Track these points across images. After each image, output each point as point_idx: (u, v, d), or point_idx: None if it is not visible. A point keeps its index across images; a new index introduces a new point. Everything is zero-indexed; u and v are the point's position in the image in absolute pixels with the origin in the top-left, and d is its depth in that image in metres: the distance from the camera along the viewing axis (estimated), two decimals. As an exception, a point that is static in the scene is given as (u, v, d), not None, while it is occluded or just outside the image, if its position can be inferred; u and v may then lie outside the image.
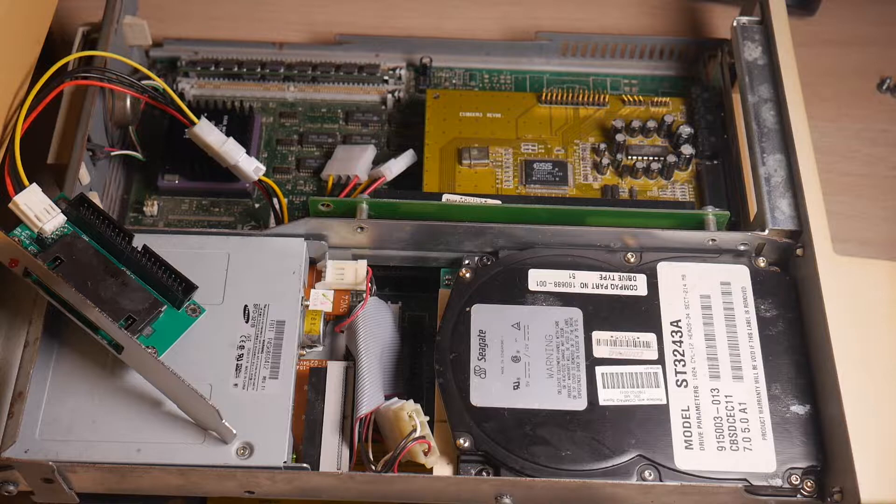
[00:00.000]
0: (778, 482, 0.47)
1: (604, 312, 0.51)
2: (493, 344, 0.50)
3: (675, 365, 0.50)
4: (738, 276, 0.53)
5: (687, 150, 0.61)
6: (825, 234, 0.52)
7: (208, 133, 0.56)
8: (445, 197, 0.55)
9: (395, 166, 0.61)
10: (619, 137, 0.61)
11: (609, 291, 0.52)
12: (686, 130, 0.61)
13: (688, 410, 0.49)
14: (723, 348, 0.51)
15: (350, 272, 0.54)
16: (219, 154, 0.56)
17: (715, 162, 0.61)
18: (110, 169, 0.60)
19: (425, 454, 0.48)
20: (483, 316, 0.51)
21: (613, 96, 0.65)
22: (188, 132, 0.56)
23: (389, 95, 0.66)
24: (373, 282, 0.54)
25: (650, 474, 0.47)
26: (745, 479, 0.47)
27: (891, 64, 0.71)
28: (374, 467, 0.48)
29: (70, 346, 0.49)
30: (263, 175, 0.57)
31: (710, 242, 0.54)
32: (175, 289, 0.49)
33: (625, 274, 0.53)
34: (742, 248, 0.54)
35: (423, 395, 0.51)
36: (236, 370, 0.49)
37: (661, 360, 0.50)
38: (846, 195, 0.65)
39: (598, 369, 0.50)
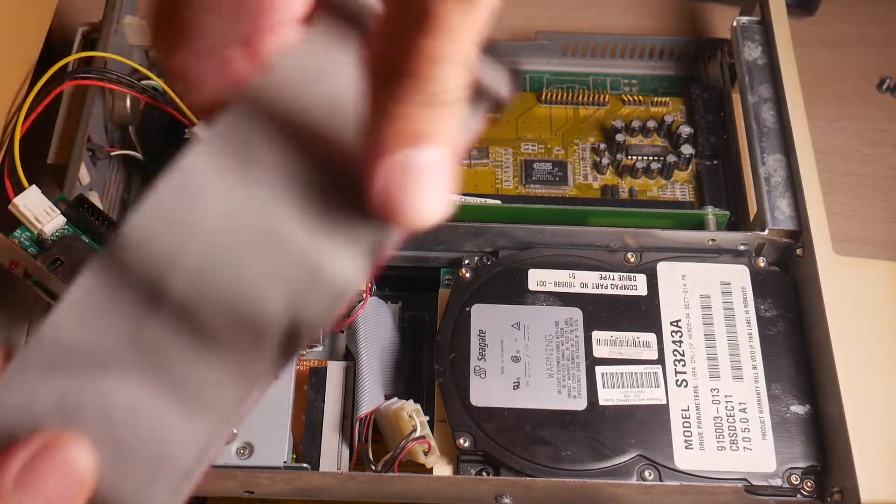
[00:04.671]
0: (778, 482, 0.47)
1: (604, 312, 0.51)
2: (493, 344, 0.50)
3: (675, 365, 0.50)
4: (738, 276, 0.53)
5: (687, 149, 0.60)
6: (825, 234, 0.52)
7: (208, 133, 0.56)
8: (445, 197, 0.55)
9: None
10: (619, 137, 0.61)
11: (609, 291, 0.52)
12: (686, 130, 0.61)
13: (688, 410, 0.49)
14: (723, 348, 0.51)
15: (350, 272, 0.54)
16: (219, 154, 0.56)
17: (715, 162, 0.61)
18: (110, 169, 0.60)
19: (425, 454, 0.48)
20: (483, 316, 0.51)
21: (613, 96, 0.65)
22: (188, 132, 0.56)
23: (389, 95, 0.66)
24: (373, 282, 0.54)
25: (650, 474, 0.47)
26: (745, 479, 0.47)
27: (891, 64, 0.71)
28: (374, 467, 0.48)
29: (70, 346, 0.49)
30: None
31: (710, 242, 0.54)
32: (175, 289, 0.49)
33: (625, 274, 0.53)
34: (742, 248, 0.54)
35: (423, 395, 0.51)
36: (236, 370, 0.48)
37: (661, 360, 0.50)
38: (846, 195, 0.65)
39: (598, 369, 0.50)
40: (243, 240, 0.23)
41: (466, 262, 0.53)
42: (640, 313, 0.52)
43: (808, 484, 0.47)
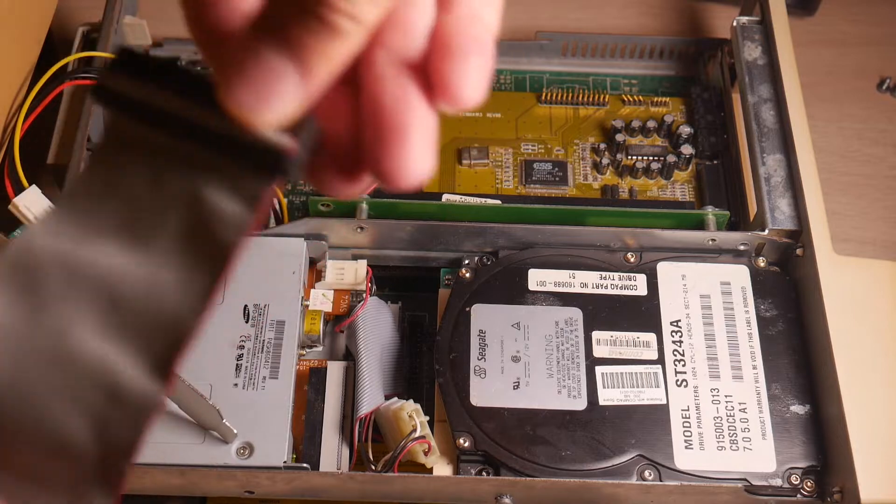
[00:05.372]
0: (778, 482, 0.47)
1: (604, 312, 0.51)
2: (492, 344, 0.50)
3: (675, 365, 0.50)
4: (738, 275, 0.53)
5: (687, 150, 0.61)
6: (825, 234, 0.52)
7: (208, 133, 0.56)
8: (445, 197, 0.55)
9: (395, 166, 0.60)
10: (619, 137, 0.61)
11: (609, 291, 0.52)
12: (686, 130, 0.61)
13: (688, 410, 0.49)
14: (723, 348, 0.51)
15: (350, 272, 0.54)
16: (219, 154, 0.56)
17: (715, 162, 0.61)
18: (110, 169, 0.60)
19: (425, 454, 0.48)
20: (483, 316, 0.51)
21: (613, 96, 0.65)
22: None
23: (389, 95, 0.66)
24: (373, 282, 0.54)
25: (650, 474, 0.47)
26: (745, 479, 0.47)
27: (891, 64, 0.71)
28: (374, 467, 0.48)
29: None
30: (263, 175, 0.56)
31: (710, 242, 0.54)
32: (175, 289, 0.49)
33: (625, 274, 0.53)
34: (742, 247, 0.54)
35: (423, 395, 0.51)
36: (236, 370, 0.49)
37: (660, 360, 0.50)
38: (846, 195, 0.65)
39: (598, 369, 0.50)
40: (37, 370, 0.22)
41: (466, 262, 0.53)
42: (640, 313, 0.52)
43: (808, 484, 0.47)
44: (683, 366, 0.50)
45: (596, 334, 0.51)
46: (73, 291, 0.23)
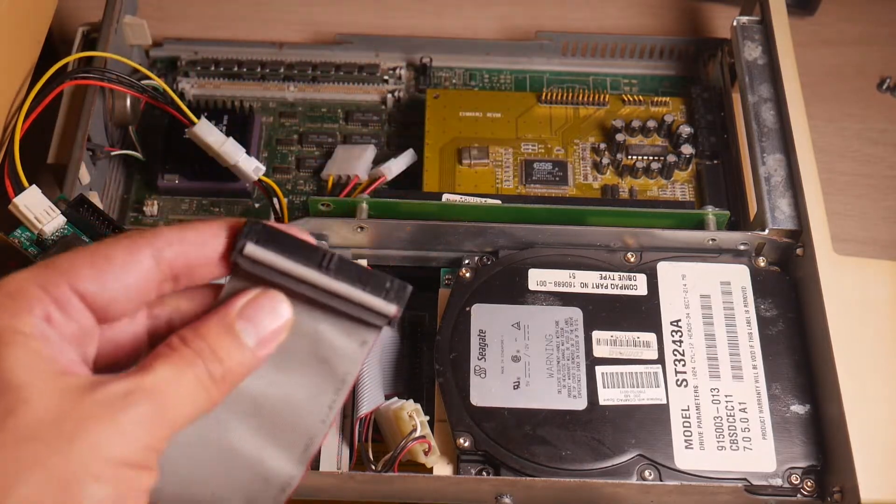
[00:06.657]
0: (778, 482, 0.47)
1: (604, 312, 0.51)
2: (493, 344, 0.50)
3: (675, 365, 0.50)
4: (738, 275, 0.53)
5: (687, 149, 0.61)
6: (825, 233, 0.52)
7: (208, 133, 0.56)
8: (445, 197, 0.55)
9: (395, 166, 0.61)
10: (619, 137, 0.61)
11: (609, 291, 0.52)
12: (686, 130, 0.61)
13: (688, 410, 0.49)
14: (723, 348, 0.51)
15: (350, 272, 0.53)
16: (218, 154, 0.56)
17: (715, 162, 0.61)
18: (110, 169, 0.60)
19: (425, 454, 0.48)
20: (483, 316, 0.51)
21: (613, 96, 0.65)
22: (188, 132, 0.56)
23: (389, 95, 0.66)
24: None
25: (650, 474, 0.47)
26: (745, 479, 0.47)
27: (891, 64, 0.71)
28: (374, 467, 0.48)
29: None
30: (263, 175, 0.57)
31: (710, 242, 0.54)
32: (175, 289, 0.49)
33: (625, 274, 0.53)
34: (742, 247, 0.54)
35: (423, 395, 0.51)
36: (236, 370, 0.48)
37: (661, 360, 0.50)
38: (846, 195, 0.65)
39: (598, 369, 0.50)
40: (209, 459, 0.31)
41: (466, 262, 0.53)
42: (640, 313, 0.52)
43: (808, 484, 0.47)
44: (683, 366, 0.50)
45: (596, 334, 0.51)
46: (231, 404, 0.31)
